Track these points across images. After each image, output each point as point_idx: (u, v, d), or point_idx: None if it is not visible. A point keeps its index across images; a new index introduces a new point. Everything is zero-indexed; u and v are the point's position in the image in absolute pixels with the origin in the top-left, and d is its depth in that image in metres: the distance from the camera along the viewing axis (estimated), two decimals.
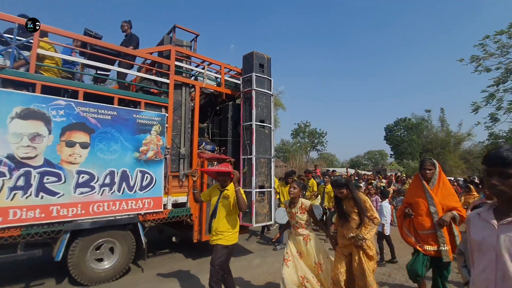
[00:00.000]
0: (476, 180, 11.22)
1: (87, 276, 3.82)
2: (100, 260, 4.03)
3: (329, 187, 6.32)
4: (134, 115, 4.37)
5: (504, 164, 1.22)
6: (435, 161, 2.81)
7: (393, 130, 41.19)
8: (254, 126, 4.98)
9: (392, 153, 41.21)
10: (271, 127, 5.25)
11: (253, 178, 4.84)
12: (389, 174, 20.84)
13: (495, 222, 1.26)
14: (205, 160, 4.91)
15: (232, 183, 3.06)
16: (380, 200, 5.29)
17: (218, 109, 5.74)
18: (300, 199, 3.10)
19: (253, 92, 5.07)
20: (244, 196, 2.93)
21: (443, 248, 2.65)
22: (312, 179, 7.12)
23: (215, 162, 4.99)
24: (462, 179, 14.29)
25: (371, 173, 24.90)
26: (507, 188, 1.22)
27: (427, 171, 2.77)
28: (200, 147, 5.11)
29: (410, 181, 9.97)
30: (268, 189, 5.05)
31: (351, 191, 2.79)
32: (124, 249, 4.18)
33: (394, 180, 10.43)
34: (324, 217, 6.28)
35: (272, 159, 5.17)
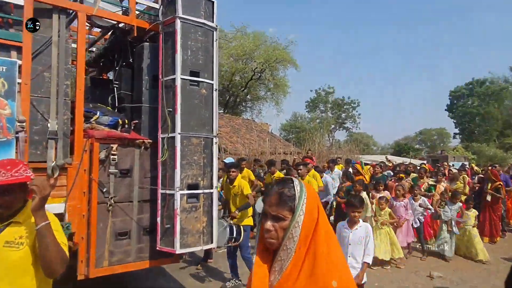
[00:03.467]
0: None
1: None
2: None
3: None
4: None
5: None
6: (297, 183, 1.37)
7: (462, 97, 38.95)
8: (179, 82, 4.09)
9: (457, 132, 39.43)
10: (213, 85, 4.36)
11: (177, 171, 4.01)
12: (451, 163, 19.62)
13: None
14: (95, 142, 4.02)
15: (37, 206, 1.80)
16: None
17: (130, 57, 4.77)
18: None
19: (178, 23, 4.09)
20: (63, 240, 1.86)
21: None
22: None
23: (113, 146, 4.08)
24: None
25: (425, 162, 23.76)
26: None
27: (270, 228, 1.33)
28: (91, 119, 4.26)
29: (464, 176, 8.84)
30: (206, 191, 4.24)
31: None
32: None
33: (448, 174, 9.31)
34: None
35: (214, 139, 4.33)
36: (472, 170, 10.52)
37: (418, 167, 10.58)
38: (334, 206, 7.89)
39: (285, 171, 8.58)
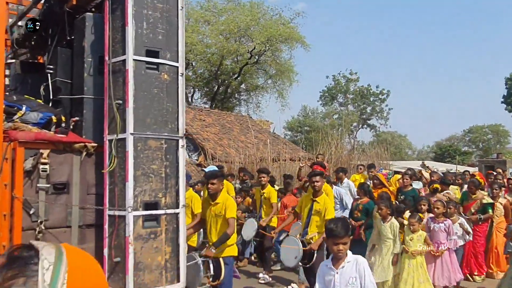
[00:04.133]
0: None
1: None
2: None
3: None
4: None
5: None
6: None
7: None
8: (130, 65, 4.02)
9: None
10: (178, 68, 4.31)
11: (128, 185, 3.93)
12: (510, 171, 19.54)
13: None
14: (18, 147, 3.99)
15: None
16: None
17: (69, 34, 4.74)
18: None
19: None
20: None
21: None
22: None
23: (44, 153, 4.00)
24: None
25: (476, 169, 23.68)
26: None
27: None
28: (14, 117, 4.22)
29: None
30: (170, 211, 4.18)
31: None
32: None
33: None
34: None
35: (180, 141, 4.29)
36: None
37: (463, 176, 10.39)
38: None
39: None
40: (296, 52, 41.56)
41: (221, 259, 4.89)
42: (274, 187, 8.37)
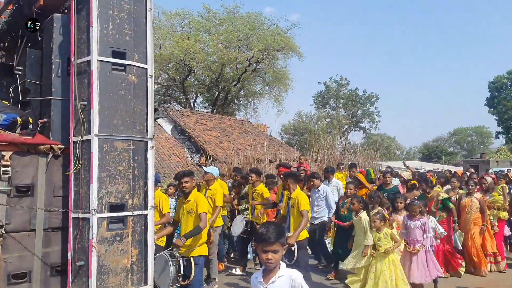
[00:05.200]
0: None
1: None
2: None
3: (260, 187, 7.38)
4: None
5: None
6: None
7: (504, 88, 38.50)
8: (95, 66, 3.70)
9: (500, 130, 38.79)
10: (147, 70, 3.99)
11: (93, 187, 3.61)
12: (493, 170, 19.06)
13: None
14: None
15: None
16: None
17: (38, 35, 4.45)
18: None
19: None
20: None
21: None
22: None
23: (5, 154, 3.64)
24: None
25: (461, 168, 23.28)
26: None
27: None
28: None
29: (503, 186, 8.24)
30: (137, 212, 3.86)
31: None
32: None
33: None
34: None
35: (149, 143, 3.97)
36: (507, 177, 9.62)
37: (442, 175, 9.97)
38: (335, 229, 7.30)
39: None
40: (290, 61, 41.18)
41: (191, 259, 4.55)
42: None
